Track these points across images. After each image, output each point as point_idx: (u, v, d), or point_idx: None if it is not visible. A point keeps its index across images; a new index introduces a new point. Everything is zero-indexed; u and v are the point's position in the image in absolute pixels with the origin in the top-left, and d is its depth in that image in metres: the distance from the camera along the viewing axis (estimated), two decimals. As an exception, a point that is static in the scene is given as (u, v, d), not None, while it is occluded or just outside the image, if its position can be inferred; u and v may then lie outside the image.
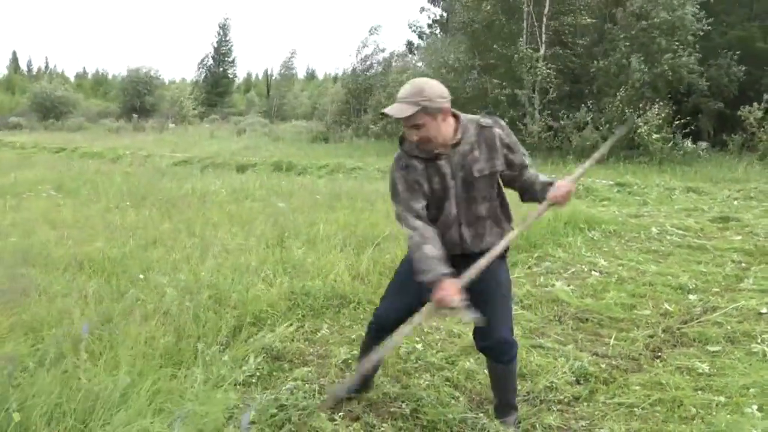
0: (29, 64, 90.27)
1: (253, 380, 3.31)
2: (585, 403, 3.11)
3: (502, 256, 2.64)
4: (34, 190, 8.99)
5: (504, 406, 2.81)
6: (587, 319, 4.27)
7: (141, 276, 4.23)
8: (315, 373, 3.40)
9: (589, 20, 16.53)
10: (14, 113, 46.10)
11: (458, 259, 2.55)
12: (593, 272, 5.39)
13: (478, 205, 2.55)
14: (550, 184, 2.57)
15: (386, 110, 2.40)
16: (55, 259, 4.84)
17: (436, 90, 2.39)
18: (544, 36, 17.07)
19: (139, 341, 3.33)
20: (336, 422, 2.88)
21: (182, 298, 3.83)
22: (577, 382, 3.34)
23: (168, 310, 3.70)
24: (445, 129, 2.43)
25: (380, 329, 2.86)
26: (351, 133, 23.84)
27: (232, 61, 64.79)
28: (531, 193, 2.64)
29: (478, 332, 2.69)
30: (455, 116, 2.50)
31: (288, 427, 2.82)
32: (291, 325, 4.04)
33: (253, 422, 2.86)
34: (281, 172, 13.40)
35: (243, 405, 3.02)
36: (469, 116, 2.55)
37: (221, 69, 63.66)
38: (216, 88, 61.14)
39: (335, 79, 67.30)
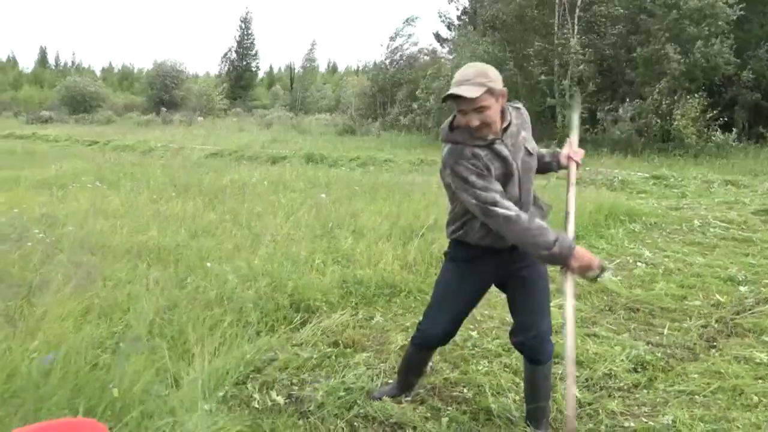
0: (57, 59, 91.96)
1: (317, 363, 3.41)
2: (645, 390, 3.15)
3: None
4: (78, 181, 9.20)
5: (538, 411, 2.71)
6: (638, 309, 4.29)
7: (208, 264, 4.34)
8: (375, 358, 3.49)
9: (621, 10, 16.35)
10: (45, 107, 46.98)
11: (503, 251, 2.52)
12: (639, 263, 5.40)
13: (530, 186, 2.53)
14: (554, 153, 2.78)
15: (457, 90, 2.27)
16: (113, 247, 4.99)
17: (497, 73, 2.36)
18: (576, 27, 16.93)
19: (205, 326, 3.46)
20: (402, 405, 2.96)
21: (243, 286, 3.95)
22: (635, 370, 3.37)
23: (230, 297, 3.82)
24: (498, 113, 2.37)
25: (425, 343, 2.84)
26: (378, 125, 23.87)
27: (255, 54, 65.38)
28: (541, 164, 2.70)
29: (517, 326, 2.62)
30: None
31: (356, 410, 2.91)
32: (345, 312, 4.13)
33: (321, 404, 2.96)
34: (313, 164, 13.51)
35: (309, 387, 3.12)
36: None
37: (244, 62, 64.29)
38: (239, 82, 61.66)
39: (357, 71, 67.46)
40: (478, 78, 2.28)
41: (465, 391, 3.14)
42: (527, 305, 2.59)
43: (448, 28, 29.41)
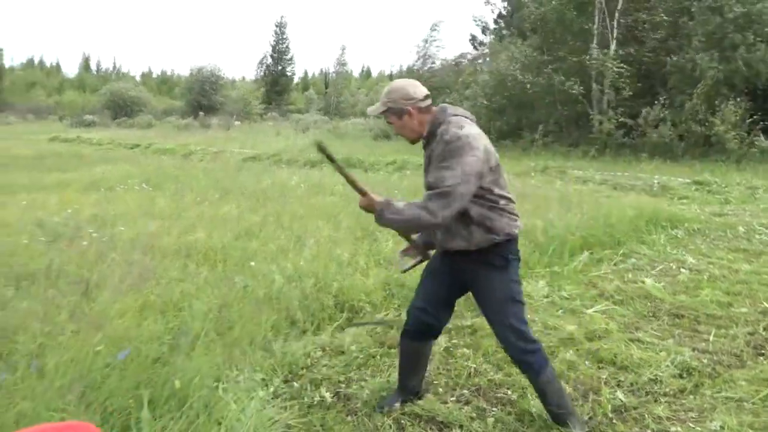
0: (99, 65, 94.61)
1: (362, 362, 3.48)
2: (691, 396, 3.14)
3: (496, 266, 2.60)
4: (125, 183, 9.50)
5: (554, 415, 2.74)
6: (683, 316, 4.26)
7: (252, 264, 4.46)
8: (420, 360, 3.54)
9: (664, 17, 16.11)
10: (87, 111, 48.38)
11: (447, 254, 2.72)
12: (682, 269, 5.35)
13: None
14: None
15: (368, 109, 2.73)
16: (163, 247, 5.16)
17: (403, 92, 2.57)
18: (615, 32, 16.74)
19: (254, 323, 3.58)
20: (448, 405, 3.02)
21: (289, 285, 4.05)
22: (681, 375, 3.36)
23: (277, 296, 3.93)
24: (413, 126, 2.60)
25: (406, 327, 2.92)
26: (413, 130, 23.87)
27: (290, 59, 66.31)
28: None
29: None
30: (431, 114, 2.60)
31: (403, 407, 2.98)
32: (388, 313, 4.20)
33: (367, 401, 3.03)
34: (351, 169, 13.59)
35: (356, 385, 3.20)
36: (450, 117, 2.56)
37: (280, 67, 65.24)
38: (275, 86, 62.50)
39: (391, 76, 67.62)
40: (383, 97, 2.63)
41: (509, 392, 3.18)
42: (488, 317, 2.72)
43: (483, 32, 29.43)
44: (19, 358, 2.90)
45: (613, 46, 16.69)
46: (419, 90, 2.59)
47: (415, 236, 2.95)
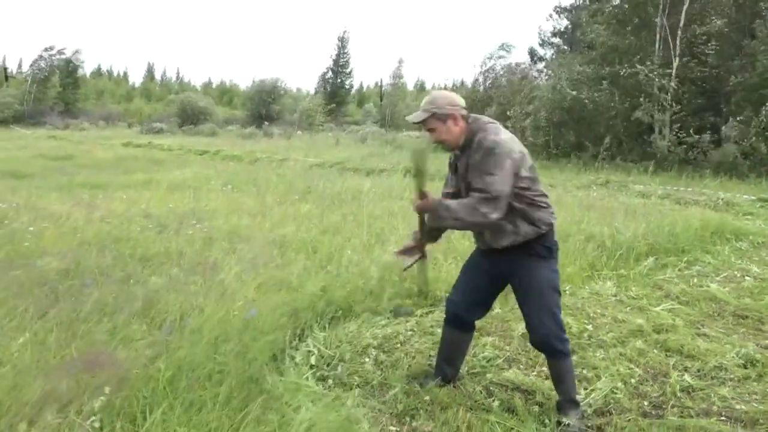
0: (163, 75, 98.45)
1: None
2: (755, 383, 3.42)
3: (542, 256, 2.83)
4: (207, 185, 10.20)
5: (562, 401, 2.93)
6: (747, 317, 4.51)
7: (351, 254, 4.96)
8: (500, 341, 3.94)
9: (719, 23, 15.99)
10: (155, 118, 50.64)
11: (492, 253, 2.91)
12: (747, 277, 5.57)
13: None
14: None
15: (408, 117, 2.89)
16: (258, 238, 5.71)
17: (447, 99, 2.79)
18: (678, 49, 16.72)
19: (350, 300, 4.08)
20: (530, 377, 3.40)
21: (381, 275, 4.52)
22: (745, 366, 3.63)
23: (367, 282, 4.41)
24: (455, 132, 2.79)
25: (447, 315, 3.20)
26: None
27: (349, 73, 67.70)
28: None
29: (528, 329, 2.95)
30: (466, 121, 2.82)
31: (490, 377, 3.38)
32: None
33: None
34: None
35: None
36: (485, 125, 2.80)
37: (339, 80, 66.68)
38: (334, 98, 63.82)
39: (445, 90, 67.27)
40: (426, 105, 2.81)
41: (584, 371, 3.53)
42: (525, 312, 2.91)
43: (542, 45, 29.64)
44: (163, 320, 3.45)
45: (675, 63, 16.66)
46: (460, 99, 2.83)
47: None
